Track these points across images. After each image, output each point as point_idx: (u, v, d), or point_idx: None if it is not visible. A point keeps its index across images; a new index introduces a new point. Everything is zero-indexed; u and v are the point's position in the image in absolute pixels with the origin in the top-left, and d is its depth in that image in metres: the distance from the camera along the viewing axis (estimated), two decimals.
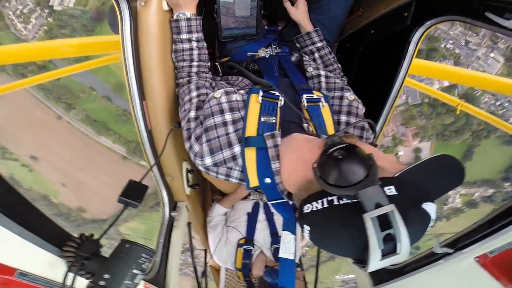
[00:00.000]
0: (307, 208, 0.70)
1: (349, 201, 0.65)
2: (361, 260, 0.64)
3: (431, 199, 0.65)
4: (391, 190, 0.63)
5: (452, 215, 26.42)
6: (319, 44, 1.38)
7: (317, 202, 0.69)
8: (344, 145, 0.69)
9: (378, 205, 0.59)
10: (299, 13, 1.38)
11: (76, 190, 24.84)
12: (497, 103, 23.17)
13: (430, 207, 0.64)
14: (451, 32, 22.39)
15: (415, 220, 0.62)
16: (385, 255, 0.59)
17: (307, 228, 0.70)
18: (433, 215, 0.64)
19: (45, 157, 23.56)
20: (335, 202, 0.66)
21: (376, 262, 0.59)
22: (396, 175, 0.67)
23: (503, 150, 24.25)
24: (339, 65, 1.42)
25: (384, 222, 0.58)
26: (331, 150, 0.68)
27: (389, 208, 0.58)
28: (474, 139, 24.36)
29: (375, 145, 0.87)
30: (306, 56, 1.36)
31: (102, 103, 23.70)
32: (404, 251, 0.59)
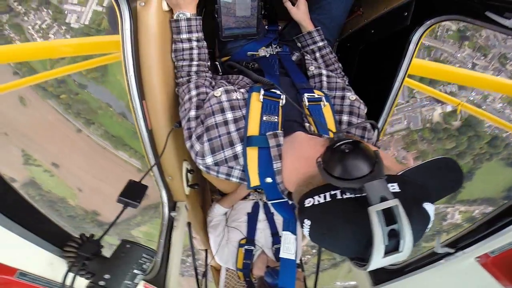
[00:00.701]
0: (309, 202, 0.69)
1: (352, 195, 0.64)
2: (361, 258, 0.63)
3: (432, 200, 0.65)
4: (394, 187, 0.63)
5: (452, 229, 26.77)
6: (320, 44, 1.38)
7: (319, 196, 0.68)
8: (350, 140, 0.69)
9: (383, 199, 0.58)
10: (300, 13, 1.38)
11: (91, 195, 27.42)
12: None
13: (430, 208, 0.64)
14: (459, 55, 22.42)
15: (417, 218, 0.61)
16: (387, 252, 0.58)
17: (307, 222, 0.69)
18: (432, 216, 0.64)
19: (65, 165, 26.46)
20: (338, 196, 0.65)
21: (378, 259, 0.58)
22: (399, 173, 0.67)
23: (507, 171, 24.71)
24: (340, 65, 1.42)
25: (388, 217, 0.57)
26: (338, 144, 0.68)
27: (393, 202, 0.57)
28: (476, 162, 24.75)
29: (378, 147, 0.87)
30: (308, 55, 1.36)
31: (118, 120, 26.05)
32: (406, 249, 0.58)
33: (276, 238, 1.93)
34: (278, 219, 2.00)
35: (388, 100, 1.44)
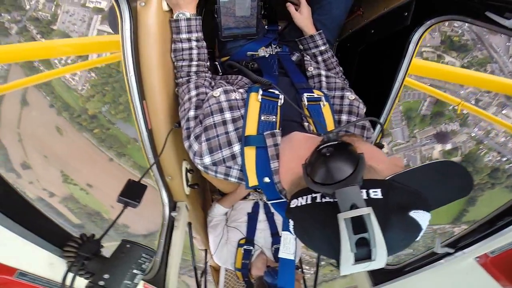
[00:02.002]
0: (293, 203, 0.71)
1: (331, 200, 0.64)
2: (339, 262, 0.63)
3: (424, 207, 0.61)
4: (376, 193, 0.61)
5: None
6: (322, 48, 1.38)
7: (302, 198, 0.69)
8: (335, 142, 0.68)
9: (354, 207, 0.57)
10: (303, 19, 1.38)
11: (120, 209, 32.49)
12: (503, 159, 23.78)
13: (420, 216, 0.61)
14: (462, 92, 22.29)
15: (398, 227, 0.59)
16: (359, 259, 0.57)
17: (291, 222, 0.71)
18: (423, 225, 0.61)
19: (98, 186, 30.98)
20: (318, 200, 0.66)
21: (348, 266, 0.57)
22: (387, 178, 0.64)
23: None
24: (341, 68, 1.43)
25: (360, 225, 0.56)
26: (321, 147, 0.67)
27: (365, 210, 0.56)
28: (477, 191, 25.00)
29: (381, 146, 0.86)
30: (308, 56, 1.36)
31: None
32: (380, 258, 0.57)
33: (276, 238, 1.93)
34: (279, 219, 2.00)
35: (388, 100, 1.44)
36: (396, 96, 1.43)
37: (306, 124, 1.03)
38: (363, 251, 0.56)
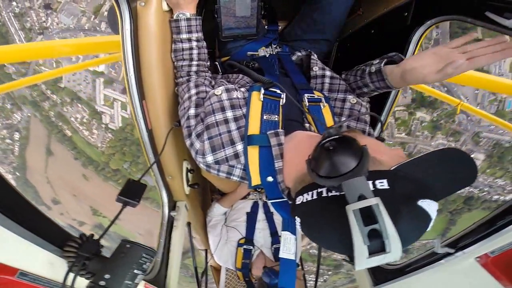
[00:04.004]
0: (299, 200, 0.70)
1: (337, 193, 0.63)
2: (351, 257, 0.61)
3: (431, 197, 0.61)
4: (382, 184, 0.60)
5: None
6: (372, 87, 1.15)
7: (308, 194, 0.68)
8: (338, 136, 0.67)
9: (362, 197, 0.56)
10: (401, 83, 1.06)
11: (148, 238, 34.99)
12: (475, 190, 24.99)
13: (428, 205, 0.60)
14: (432, 143, 23.56)
15: (407, 216, 0.58)
16: (373, 252, 0.55)
17: (298, 220, 0.69)
18: (432, 214, 0.61)
19: (126, 219, 33.16)
20: (324, 194, 0.65)
21: (362, 259, 0.56)
22: (392, 168, 0.64)
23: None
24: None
25: (370, 216, 0.55)
26: (324, 141, 0.67)
27: (373, 201, 0.55)
28: (454, 215, 25.94)
29: (382, 139, 0.86)
30: (315, 55, 1.33)
31: None
32: (395, 249, 0.55)
33: (275, 238, 1.93)
34: (278, 219, 2.00)
35: (388, 100, 1.44)
36: (396, 97, 1.43)
37: (307, 125, 1.04)
38: (377, 244, 0.55)
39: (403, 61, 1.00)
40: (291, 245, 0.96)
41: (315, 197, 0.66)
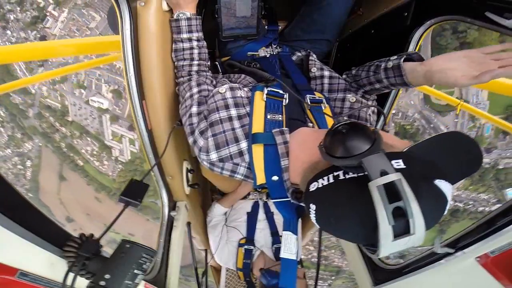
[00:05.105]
0: (313, 186, 0.68)
1: (355, 175, 0.63)
2: (372, 244, 0.59)
3: (446, 178, 0.60)
4: (399, 164, 0.59)
5: None
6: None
7: (323, 179, 0.67)
8: (348, 121, 0.68)
9: (383, 173, 0.55)
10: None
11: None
12: (460, 204, 25.96)
13: (444, 186, 0.59)
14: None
15: (428, 195, 0.56)
16: (398, 235, 0.53)
17: (312, 207, 0.67)
18: (448, 195, 0.59)
19: (139, 234, 33.87)
20: (341, 177, 0.64)
21: (388, 243, 0.53)
22: (405, 150, 0.65)
23: None
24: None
25: (392, 194, 0.52)
26: (336, 126, 0.68)
27: (395, 176, 0.53)
28: (443, 226, 26.16)
29: (386, 131, 0.86)
30: (314, 55, 1.33)
31: None
32: (419, 230, 0.53)
33: (275, 238, 1.93)
34: (278, 219, 2.00)
35: (388, 100, 1.44)
36: (396, 97, 1.43)
37: (310, 124, 1.04)
38: (401, 224, 0.53)
39: (428, 61, 0.96)
40: (292, 245, 0.96)
41: (331, 180, 0.65)
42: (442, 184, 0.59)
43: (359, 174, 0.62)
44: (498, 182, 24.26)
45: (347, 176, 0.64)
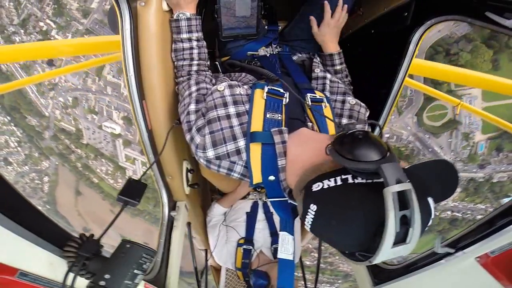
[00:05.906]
0: (317, 186, 0.68)
1: (363, 180, 0.64)
2: (366, 249, 0.61)
3: (433, 196, 0.65)
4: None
5: None
6: (338, 67, 1.40)
7: (329, 180, 0.67)
8: (362, 130, 0.71)
9: (398, 181, 0.57)
10: (320, 35, 1.39)
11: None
12: (458, 213, 27.36)
13: (432, 203, 0.64)
14: None
15: (423, 209, 0.60)
16: (395, 243, 0.56)
17: (313, 208, 0.67)
18: (433, 212, 0.65)
19: (150, 243, 34.50)
20: (350, 181, 0.65)
21: (387, 248, 0.56)
22: (406, 167, 0.68)
23: None
24: (351, 87, 1.44)
25: (401, 202, 0.56)
26: (351, 131, 0.70)
27: (408, 186, 0.56)
28: (443, 233, 26.95)
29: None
30: (318, 58, 1.37)
31: None
32: (413, 240, 0.57)
33: (275, 238, 1.93)
34: (277, 219, 2.00)
35: (388, 100, 1.44)
36: (396, 96, 1.43)
37: (310, 124, 1.04)
38: (401, 232, 0.56)
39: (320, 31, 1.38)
40: (289, 246, 0.96)
41: (339, 183, 0.66)
42: (431, 201, 0.64)
43: (368, 181, 0.64)
44: (493, 194, 25.63)
45: (356, 181, 0.65)
